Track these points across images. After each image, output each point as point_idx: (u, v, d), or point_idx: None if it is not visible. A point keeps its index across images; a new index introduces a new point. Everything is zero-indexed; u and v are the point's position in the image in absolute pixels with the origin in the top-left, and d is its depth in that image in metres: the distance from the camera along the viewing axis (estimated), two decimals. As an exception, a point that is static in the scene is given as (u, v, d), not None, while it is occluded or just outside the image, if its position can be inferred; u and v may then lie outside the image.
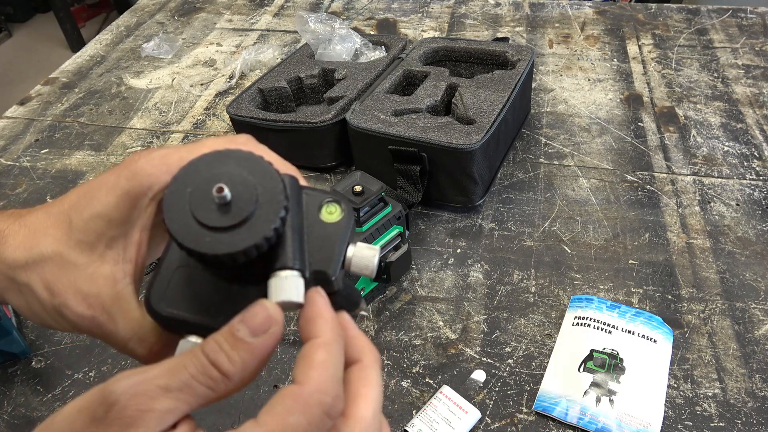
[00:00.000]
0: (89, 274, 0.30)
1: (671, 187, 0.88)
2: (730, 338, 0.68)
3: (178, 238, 0.26)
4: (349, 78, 0.97)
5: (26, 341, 0.71)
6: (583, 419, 0.60)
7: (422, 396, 0.64)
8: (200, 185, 0.27)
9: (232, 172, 0.27)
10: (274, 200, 0.27)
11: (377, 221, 0.69)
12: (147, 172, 0.30)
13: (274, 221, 0.27)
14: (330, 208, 0.30)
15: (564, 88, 1.10)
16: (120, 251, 0.31)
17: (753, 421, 0.60)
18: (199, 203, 0.27)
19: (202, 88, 1.17)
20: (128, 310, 0.31)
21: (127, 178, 0.30)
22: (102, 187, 0.31)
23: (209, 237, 0.26)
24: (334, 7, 1.43)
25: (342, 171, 0.94)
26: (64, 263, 0.30)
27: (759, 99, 1.05)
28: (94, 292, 0.30)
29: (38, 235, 0.31)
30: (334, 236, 0.29)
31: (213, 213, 0.26)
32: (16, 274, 0.31)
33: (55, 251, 0.30)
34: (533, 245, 0.80)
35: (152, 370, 0.25)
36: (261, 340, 0.26)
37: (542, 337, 0.69)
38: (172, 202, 0.27)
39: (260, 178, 0.27)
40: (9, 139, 1.07)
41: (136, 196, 0.30)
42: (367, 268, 0.30)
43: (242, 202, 0.27)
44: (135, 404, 0.24)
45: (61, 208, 0.32)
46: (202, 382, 0.25)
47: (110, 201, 0.30)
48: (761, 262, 0.76)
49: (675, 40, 1.23)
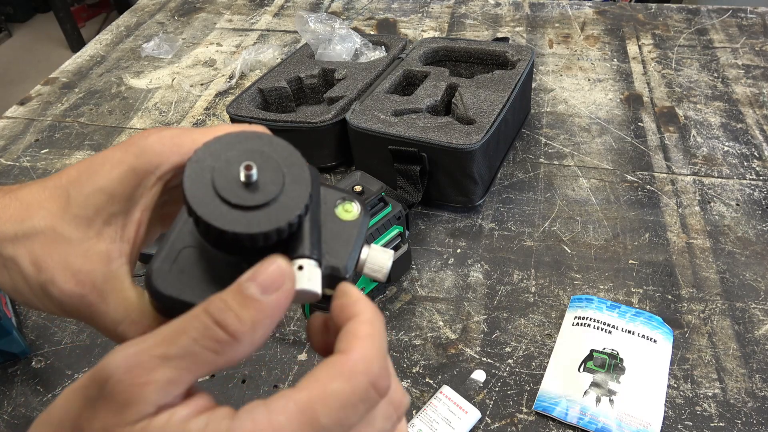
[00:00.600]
0: (83, 250, 0.28)
1: (671, 187, 0.88)
2: (730, 338, 0.68)
3: (197, 211, 0.25)
4: (349, 78, 0.97)
5: (26, 341, 0.71)
6: (583, 419, 0.60)
7: (422, 396, 0.64)
8: (226, 161, 0.26)
9: (261, 152, 0.26)
10: (301, 186, 0.26)
11: (377, 221, 0.69)
12: (156, 150, 0.29)
13: (299, 207, 0.26)
14: (347, 206, 0.30)
15: (564, 88, 1.10)
16: (118, 229, 0.29)
17: (753, 421, 0.60)
18: (223, 179, 0.25)
19: (202, 88, 1.17)
20: (121, 290, 0.29)
21: (135, 155, 0.29)
22: (106, 162, 0.29)
23: (231, 214, 0.25)
24: (334, 7, 1.43)
25: (342, 171, 0.94)
26: (56, 237, 0.28)
27: (759, 99, 1.05)
28: (86, 269, 0.28)
29: (32, 208, 0.29)
30: (349, 234, 0.29)
31: (237, 190, 0.25)
32: (3, 247, 0.29)
33: (48, 225, 0.29)
34: (533, 245, 0.80)
35: (148, 339, 0.23)
36: (273, 298, 0.23)
37: (542, 337, 0.69)
38: (193, 173, 0.25)
39: (288, 163, 0.26)
40: (9, 139, 1.07)
41: (143, 173, 0.29)
42: (380, 272, 0.29)
43: (269, 183, 0.26)
44: (130, 379, 0.22)
45: (58, 182, 0.30)
46: (206, 346, 0.22)
47: (114, 176, 0.29)
48: (761, 262, 0.76)
49: (675, 40, 1.23)
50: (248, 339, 0.23)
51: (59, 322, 0.74)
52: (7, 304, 0.73)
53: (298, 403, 0.22)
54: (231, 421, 0.22)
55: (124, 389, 0.22)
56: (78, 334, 0.72)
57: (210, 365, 0.23)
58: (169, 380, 0.22)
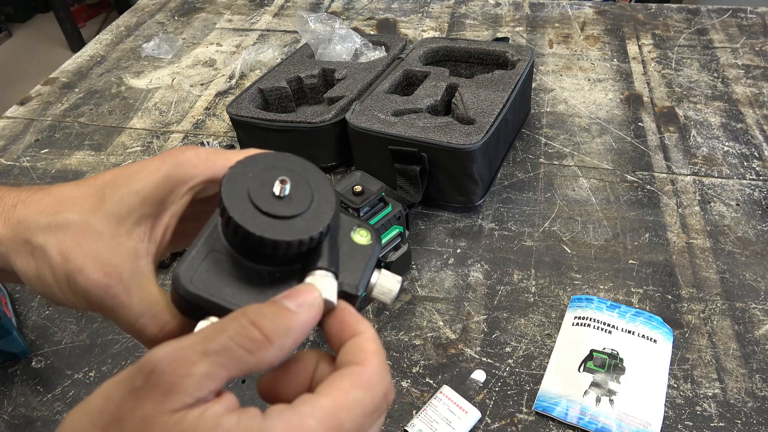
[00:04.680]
0: (113, 245, 0.30)
1: (671, 187, 0.88)
2: (730, 338, 0.68)
3: (230, 211, 0.27)
4: (349, 78, 0.97)
5: (26, 341, 0.71)
6: (583, 419, 0.60)
7: (422, 396, 0.64)
8: (262, 173, 0.29)
9: (294, 171, 0.29)
10: (327, 207, 0.29)
11: (377, 221, 0.69)
12: (192, 163, 0.31)
13: (323, 224, 0.29)
14: (362, 232, 0.32)
15: (564, 88, 1.10)
16: (147, 230, 0.31)
17: (753, 421, 0.60)
18: (258, 188, 0.28)
19: (202, 88, 1.17)
20: (146, 286, 0.31)
21: (172, 165, 0.31)
22: (143, 169, 0.31)
23: (260, 220, 0.27)
24: (334, 7, 1.43)
25: (342, 171, 0.94)
26: (87, 230, 0.30)
27: (759, 99, 1.05)
28: (115, 262, 0.30)
29: (65, 203, 0.31)
30: (363, 258, 0.31)
31: (270, 200, 0.28)
32: (33, 235, 0.30)
33: (81, 219, 0.30)
34: (533, 245, 0.80)
35: (190, 337, 0.24)
36: (305, 312, 0.26)
37: (542, 337, 0.69)
38: (232, 180, 0.28)
39: (317, 185, 0.30)
40: (9, 139, 1.07)
41: (177, 182, 0.31)
42: (389, 296, 0.32)
43: (299, 198, 0.29)
44: (173, 369, 0.23)
45: (93, 183, 0.32)
46: (241, 344, 0.24)
47: (150, 181, 0.31)
48: (761, 262, 0.76)
49: (675, 40, 1.23)
50: (279, 343, 0.25)
51: (59, 322, 0.74)
52: (7, 304, 0.73)
53: (324, 409, 0.24)
54: (262, 421, 0.23)
55: (168, 379, 0.23)
56: (78, 334, 0.72)
57: (243, 364, 0.24)
58: (206, 373, 0.23)
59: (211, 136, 1.03)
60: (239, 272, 0.29)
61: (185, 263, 0.29)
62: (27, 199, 0.31)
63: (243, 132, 0.94)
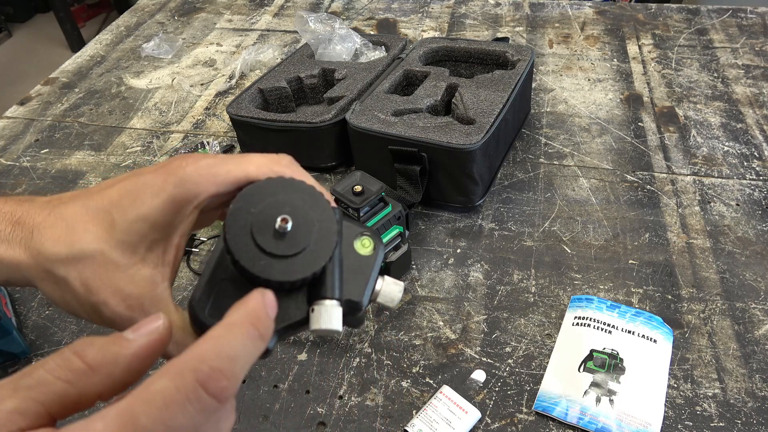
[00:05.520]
0: (130, 276, 0.31)
1: (671, 187, 0.88)
2: (730, 338, 0.68)
3: (235, 256, 0.28)
4: (349, 78, 0.97)
5: (26, 341, 0.71)
6: (583, 419, 0.60)
7: (422, 396, 0.64)
8: (264, 210, 0.29)
9: (295, 204, 0.30)
10: (328, 239, 0.30)
11: (377, 221, 0.69)
12: (194, 180, 0.31)
13: (323, 259, 0.30)
14: (364, 241, 0.33)
15: (564, 88, 1.10)
16: (160, 254, 0.32)
17: (753, 421, 0.60)
18: (260, 226, 0.29)
19: (202, 88, 1.17)
20: (167, 312, 0.31)
21: (175, 185, 0.31)
22: (147, 190, 0.31)
23: (264, 261, 0.29)
24: (334, 7, 1.43)
25: (342, 171, 0.94)
26: (105, 262, 0.30)
27: (759, 99, 1.05)
28: (135, 293, 0.30)
29: (78, 230, 0.31)
30: (366, 268, 0.32)
31: (272, 239, 0.29)
32: (55, 267, 0.31)
33: (96, 249, 0.30)
34: (533, 245, 0.80)
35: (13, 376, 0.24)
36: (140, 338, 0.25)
37: (542, 337, 0.69)
38: (235, 219, 0.29)
39: (319, 215, 0.30)
40: (9, 139, 1.07)
41: (182, 202, 0.31)
42: (393, 302, 0.33)
43: (300, 235, 0.29)
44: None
45: (100, 203, 0.31)
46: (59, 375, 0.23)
47: (156, 204, 0.31)
48: (761, 262, 0.76)
49: (675, 40, 1.23)
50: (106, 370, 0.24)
51: (59, 322, 0.74)
52: (7, 304, 0.73)
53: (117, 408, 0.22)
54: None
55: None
56: (78, 334, 0.72)
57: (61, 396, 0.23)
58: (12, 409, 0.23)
59: (211, 136, 1.03)
60: None
61: (199, 293, 0.30)
62: (42, 224, 0.31)
63: (243, 132, 0.94)
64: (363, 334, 0.70)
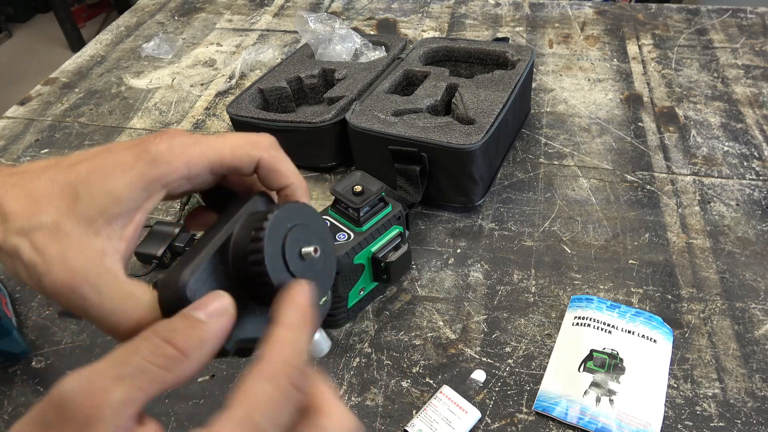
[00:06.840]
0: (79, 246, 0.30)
1: (671, 187, 0.88)
2: (730, 338, 0.68)
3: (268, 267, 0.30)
4: (349, 78, 0.97)
5: (26, 341, 0.71)
6: (583, 419, 0.60)
7: (422, 396, 0.64)
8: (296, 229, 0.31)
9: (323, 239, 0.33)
10: (330, 276, 0.34)
11: (377, 221, 0.69)
12: (166, 160, 0.31)
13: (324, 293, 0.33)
14: None
15: (564, 88, 1.10)
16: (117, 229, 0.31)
17: (753, 421, 0.60)
18: (291, 245, 0.31)
19: (202, 88, 1.17)
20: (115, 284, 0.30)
21: (146, 163, 0.30)
22: (117, 167, 0.30)
23: (283, 276, 0.30)
24: (334, 7, 1.43)
25: (342, 171, 0.94)
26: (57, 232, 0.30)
27: (759, 99, 1.05)
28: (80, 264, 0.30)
29: (41, 203, 0.30)
30: None
31: (298, 260, 0.31)
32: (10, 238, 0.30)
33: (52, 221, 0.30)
34: (533, 245, 0.80)
35: (102, 363, 0.24)
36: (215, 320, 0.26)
37: (542, 337, 0.69)
38: (274, 229, 0.30)
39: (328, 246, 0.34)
40: (9, 139, 1.07)
41: (151, 180, 0.30)
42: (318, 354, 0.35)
43: (318, 265, 0.32)
44: (86, 400, 0.22)
45: (68, 178, 0.31)
46: (156, 363, 0.24)
47: (124, 181, 0.30)
48: (761, 262, 0.76)
49: (675, 40, 1.23)
50: (195, 357, 0.25)
51: (59, 322, 0.74)
52: (7, 304, 0.73)
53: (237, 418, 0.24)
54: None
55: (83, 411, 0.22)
56: (78, 334, 0.72)
57: (161, 383, 0.24)
58: (122, 400, 0.23)
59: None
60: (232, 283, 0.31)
61: (188, 266, 0.29)
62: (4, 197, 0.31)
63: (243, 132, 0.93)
64: (363, 334, 0.70)
